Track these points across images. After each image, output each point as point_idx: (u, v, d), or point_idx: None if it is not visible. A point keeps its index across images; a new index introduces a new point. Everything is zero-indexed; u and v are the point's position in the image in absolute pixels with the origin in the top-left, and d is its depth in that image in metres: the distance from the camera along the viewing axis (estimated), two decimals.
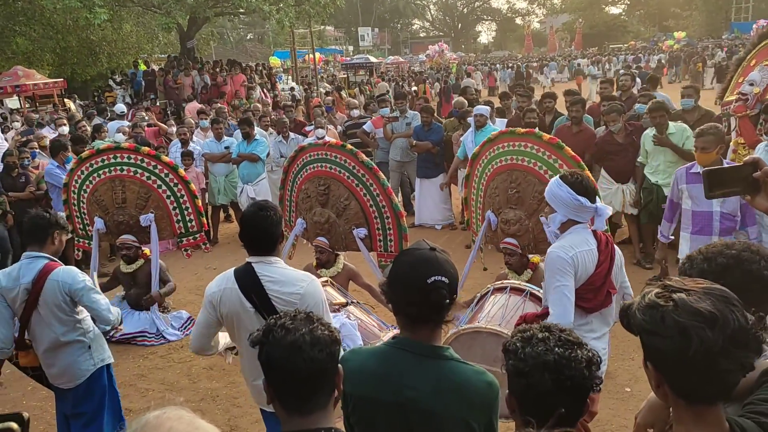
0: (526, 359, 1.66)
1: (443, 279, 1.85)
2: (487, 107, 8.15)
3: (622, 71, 14.46)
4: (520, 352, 1.68)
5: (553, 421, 1.62)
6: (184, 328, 6.02)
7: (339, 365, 1.69)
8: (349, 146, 5.11)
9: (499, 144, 4.72)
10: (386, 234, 5.11)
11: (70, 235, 3.74)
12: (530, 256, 4.73)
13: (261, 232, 2.80)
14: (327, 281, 4.53)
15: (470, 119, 8.06)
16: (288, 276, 2.80)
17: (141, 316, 5.92)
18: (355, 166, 4.97)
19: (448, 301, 1.86)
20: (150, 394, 4.98)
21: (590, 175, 4.18)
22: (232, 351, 3.27)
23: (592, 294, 3.07)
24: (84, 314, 3.59)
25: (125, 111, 12.97)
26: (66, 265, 3.63)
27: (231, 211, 9.62)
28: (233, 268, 2.89)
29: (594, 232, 3.12)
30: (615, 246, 3.21)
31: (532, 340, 1.70)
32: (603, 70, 33.08)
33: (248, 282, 2.78)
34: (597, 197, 3.12)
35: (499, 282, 4.07)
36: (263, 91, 18.02)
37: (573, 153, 4.40)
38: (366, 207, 5.04)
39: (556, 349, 1.65)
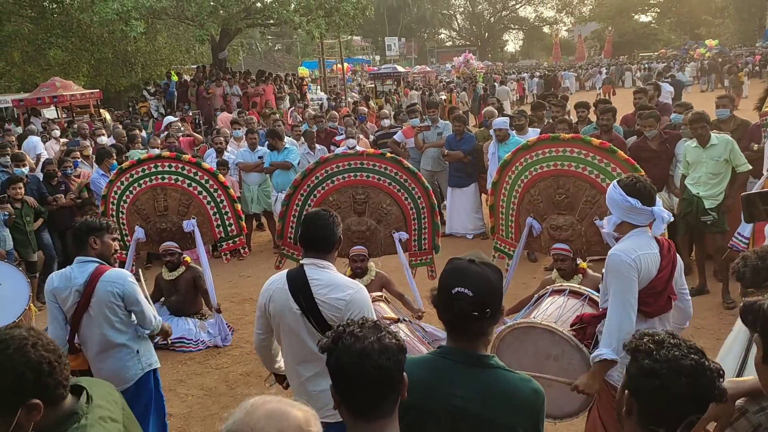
0: (661, 361, 1.67)
1: (466, 291, 1.89)
2: (506, 120, 8.18)
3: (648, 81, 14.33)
4: (655, 353, 1.69)
5: (683, 428, 1.65)
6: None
7: (404, 373, 1.72)
8: (390, 154, 5.24)
9: (537, 150, 4.71)
10: (421, 233, 5.31)
11: (115, 235, 3.79)
12: (578, 261, 4.72)
13: (322, 230, 2.89)
14: (382, 296, 4.58)
15: (491, 131, 8.11)
16: (337, 282, 2.86)
17: (180, 322, 6.03)
18: (398, 172, 5.15)
19: (476, 313, 1.89)
20: (189, 399, 5.07)
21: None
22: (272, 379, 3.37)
23: (653, 298, 3.02)
24: (134, 317, 3.69)
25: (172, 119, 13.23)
26: None
27: (263, 220, 9.73)
28: (287, 270, 2.98)
29: (655, 237, 3.07)
30: (676, 252, 3.16)
31: (665, 343, 1.71)
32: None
33: (298, 284, 2.86)
34: (656, 201, 3.06)
35: (558, 285, 4.04)
36: (296, 103, 18.19)
37: (627, 156, 4.39)
38: (406, 210, 5.23)
39: (692, 355, 1.67)
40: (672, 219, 3.12)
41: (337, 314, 2.78)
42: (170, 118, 13.66)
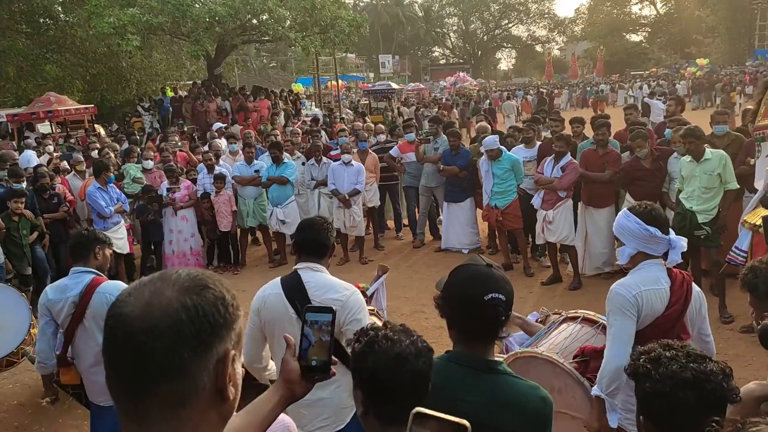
0: (663, 380, 1.64)
1: (500, 296, 1.87)
2: (496, 138, 8.16)
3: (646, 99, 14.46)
4: (655, 374, 1.66)
5: None
6: None
7: None
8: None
9: None
10: None
11: (113, 249, 3.80)
12: None
13: (316, 233, 2.93)
14: (374, 310, 4.52)
15: (481, 149, 8.12)
16: (332, 284, 2.90)
17: None
18: None
19: (504, 318, 1.89)
20: None
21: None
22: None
23: (658, 337, 2.86)
24: None
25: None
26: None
27: (258, 234, 9.68)
28: (280, 276, 2.98)
29: (669, 270, 2.90)
30: (694, 287, 2.95)
31: (661, 359, 1.68)
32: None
33: (293, 287, 2.86)
34: (671, 230, 2.93)
35: (573, 311, 3.92)
36: (291, 119, 18.20)
37: None
38: None
39: (691, 364, 1.64)
40: (686, 247, 2.94)
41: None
42: (218, 124, 14.14)
